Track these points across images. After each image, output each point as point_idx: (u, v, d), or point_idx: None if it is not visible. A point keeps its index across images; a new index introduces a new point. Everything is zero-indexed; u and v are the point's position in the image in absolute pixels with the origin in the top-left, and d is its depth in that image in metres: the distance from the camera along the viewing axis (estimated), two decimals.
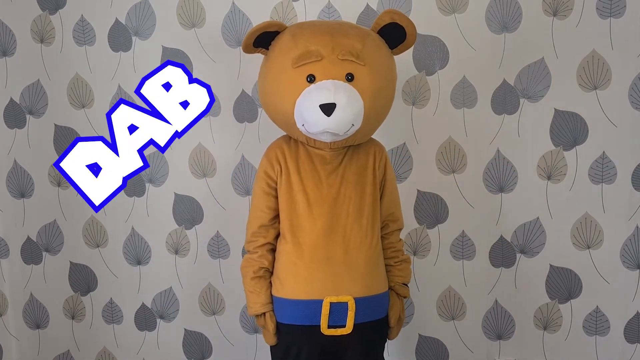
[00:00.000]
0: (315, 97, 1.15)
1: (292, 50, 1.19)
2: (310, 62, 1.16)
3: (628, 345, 1.65)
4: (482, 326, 1.70)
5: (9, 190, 1.81)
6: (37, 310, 1.86)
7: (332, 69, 1.16)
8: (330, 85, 1.15)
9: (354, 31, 1.22)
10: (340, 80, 1.15)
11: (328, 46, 1.17)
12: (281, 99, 1.21)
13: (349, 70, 1.16)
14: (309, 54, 1.17)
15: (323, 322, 1.22)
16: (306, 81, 1.16)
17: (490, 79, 1.60)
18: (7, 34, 1.73)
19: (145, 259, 1.79)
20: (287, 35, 1.22)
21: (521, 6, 1.55)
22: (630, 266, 1.62)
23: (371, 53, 1.19)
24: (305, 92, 1.16)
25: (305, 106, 1.16)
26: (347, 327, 1.23)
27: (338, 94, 1.14)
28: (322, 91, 1.14)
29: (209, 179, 1.72)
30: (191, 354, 1.81)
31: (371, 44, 1.21)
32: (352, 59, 1.16)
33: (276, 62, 1.22)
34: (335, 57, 1.16)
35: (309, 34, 1.20)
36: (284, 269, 1.27)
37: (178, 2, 1.65)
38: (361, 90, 1.17)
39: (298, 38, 1.20)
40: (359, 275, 1.24)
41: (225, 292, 1.76)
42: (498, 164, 1.62)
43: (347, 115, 1.15)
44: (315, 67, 1.16)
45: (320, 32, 1.20)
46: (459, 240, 1.67)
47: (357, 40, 1.19)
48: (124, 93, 1.71)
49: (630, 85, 1.55)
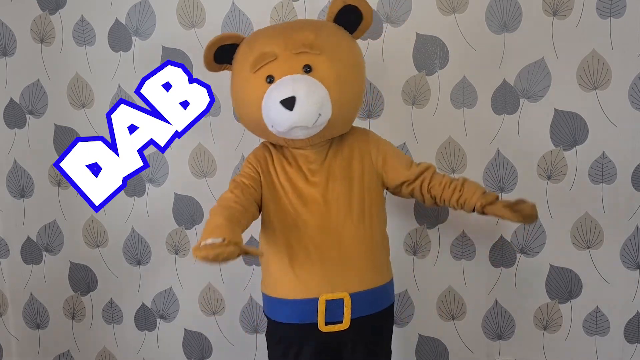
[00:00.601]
0: (275, 95, 1.16)
1: (248, 57, 1.21)
2: (266, 63, 1.18)
3: (628, 345, 1.65)
4: (482, 326, 1.70)
5: (9, 190, 1.81)
6: (37, 310, 1.86)
7: (288, 64, 1.17)
8: (288, 81, 1.16)
9: (307, 25, 1.24)
10: (298, 74, 1.16)
11: (281, 44, 1.18)
12: (249, 106, 1.23)
13: (305, 62, 1.17)
14: (264, 55, 1.18)
15: (320, 319, 1.22)
16: (266, 82, 1.18)
17: (490, 79, 1.59)
18: (7, 34, 1.73)
19: (145, 259, 1.79)
20: (244, 46, 1.25)
21: (521, 6, 1.55)
22: (630, 266, 1.62)
23: (326, 41, 1.20)
24: (266, 93, 1.18)
25: (269, 106, 1.17)
26: (344, 322, 1.23)
27: (297, 87, 1.14)
28: (281, 87, 1.15)
29: (209, 179, 1.72)
30: (191, 354, 1.81)
31: (326, 33, 1.21)
32: (306, 50, 1.17)
33: (238, 72, 1.25)
34: (289, 53, 1.17)
35: (262, 37, 1.23)
36: (278, 270, 1.27)
37: (178, 2, 1.65)
38: (322, 78, 1.17)
39: (253, 44, 1.22)
40: (354, 270, 1.24)
41: (225, 292, 1.76)
42: (498, 164, 1.62)
43: (310, 105, 1.15)
44: (272, 67, 1.18)
45: (272, 34, 1.23)
46: (459, 240, 1.67)
47: (309, 31, 1.20)
48: (124, 93, 1.71)
49: (630, 85, 1.55)
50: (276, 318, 1.29)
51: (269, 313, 1.32)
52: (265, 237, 1.31)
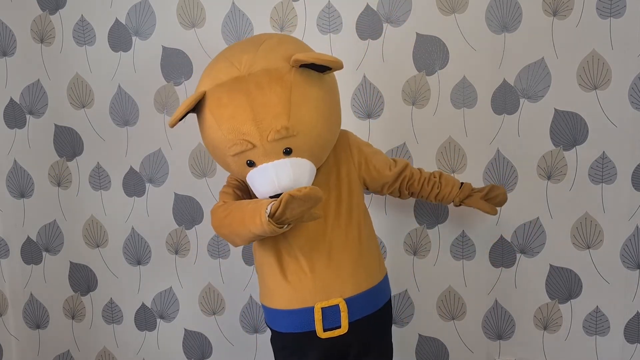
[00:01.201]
0: (261, 190, 1.17)
1: (222, 142, 1.16)
2: (244, 151, 1.15)
3: (628, 345, 1.65)
4: (482, 326, 1.70)
5: (9, 190, 1.81)
6: (37, 310, 1.86)
7: (267, 153, 1.15)
8: (272, 174, 1.14)
9: (275, 95, 1.12)
10: (279, 160, 1.15)
11: (255, 134, 1.13)
12: (232, 172, 1.25)
13: (284, 146, 1.14)
14: (240, 144, 1.14)
15: (318, 327, 1.22)
16: (247, 165, 1.18)
17: (490, 79, 1.60)
18: (7, 34, 1.73)
19: (145, 259, 1.79)
20: (208, 116, 1.17)
21: (521, 6, 1.55)
22: (630, 266, 1.62)
23: (299, 115, 1.13)
24: (250, 177, 1.19)
25: (259, 193, 1.18)
26: (342, 327, 1.23)
27: (282, 181, 1.14)
28: (265, 183, 1.15)
29: (209, 179, 1.72)
30: (191, 354, 1.81)
31: (297, 102, 1.13)
32: (282, 136, 1.13)
33: (213, 148, 1.22)
34: (265, 142, 1.13)
35: (228, 118, 1.14)
36: (272, 281, 1.26)
37: (178, 2, 1.65)
38: (302, 154, 1.16)
39: (222, 124, 1.15)
40: (346, 275, 1.24)
41: (225, 292, 1.76)
42: (498, 164, 1.62)
43: (298, 184, 1.15)
44: (251, 155, 1.16)
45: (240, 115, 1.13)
46: (459, 240, 1.67)
47: (282, 112, 1.12)
48: (124, 93, 1.71)
49: (630, 85, 1.55)
50: (276, 328, 1.29)
51: (270, 323, 1.32)
52: (258, 248, 1.31)
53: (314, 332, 1.23)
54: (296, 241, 1.23)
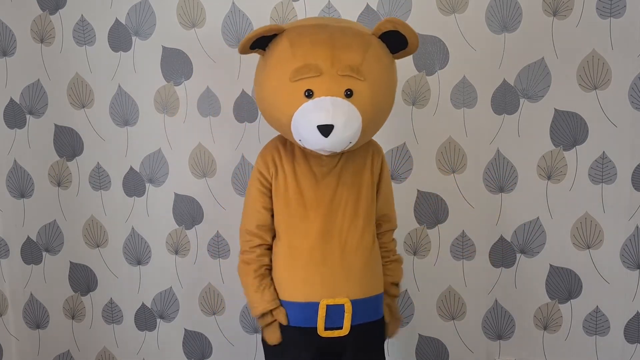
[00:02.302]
0: (313, 117, 1.12)
1: (290, 62, 1.15)
2: (308, 77, 1.13)
3: (628, 345, 1.65)
4: (482, 326, 1.70)
5: (9, 190, 1.81)
6: (37, 310, 1.86)
7: (331, 85, 1.13)
8: (329, 105, 1.12)
9: (356, 40, 1.16)
10: (338, 97, 1.13)
11: (327, 60, 1.13)
12: (278, 111, 1.19)
13: (348, 86, 1.14)
14: (308, 68, 1.13)
15: (320, 324, 1.22)
16: (304, 96, 1.14)
17: (490, 79, 1.60)
18: (7, 34, 1.73)
19: (145, 259, 1.79)
20: (285, 43, 1.17)
21: (521, 6, 1.55)
22: (630, 266, 1.62)
23: (371, 66, 1.16)
24: (303, 108, 1.14)
25: (303, 125, 1.14)
26: (344, 328, 1.23)
27: (337, 115, 1.11)
28: (321, 112, 1.12)
29: (209, 179, 1.72)
30: (191, 354, 1.81)
31: (372, 56, 1.16)
32: (352, 74, 1.13)
33: (273, 72, 1.18)
34: (334, 73, 1.13)
35: (307, 43, 1.15)
36: (280, 271, 1.27)
37: (178, 2, 1.65)
38: (360, 106, 1.14)
39: (296, 48, 1.15)
40: (355, 277, 1.24)
41: (225, 292, 1.76)
42: (498, 164, 1.62)
43: (345, 135, 1.14)
44: (314, 83, 1.13)
45: (319, 43, 1.14)
46: (459, 240, 1.67)
47: (357, 53, 1.14)
48: (124, 93, 1.71)
49: (630, 85, 1.55)
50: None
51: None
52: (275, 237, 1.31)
53: (314, 329, 1.23)
54: (312, 234, 1.23)
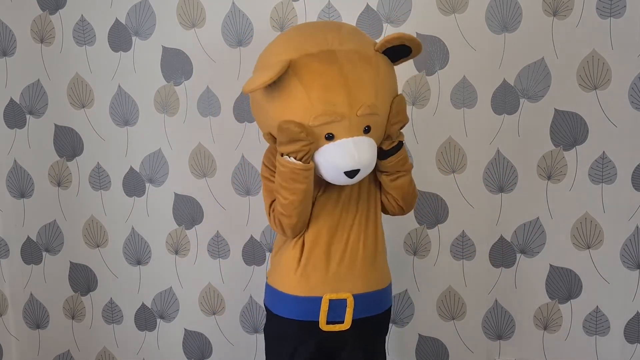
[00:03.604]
0: (339, 163, 1.13)
1: (307, 108, 1.12)
2: (330, 122, 1.12)
3: (628, 345, 1.65)
4: (482, 326, 1.70)
5: (9, 190, 1.81)
6: (37, 310, 1.86)
7: (352, 127, 1.13)
8: (352, 149, 1.12)
9: (366, 72, 1.14)
10: (358, 137, 1.14)
11: (345, 105, 1.11)
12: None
13: (367, 124, 1.15)
14: (327, 115, 1.11)
15: (322, 318, 1.23)
16: (324, 139, 1.14)
17: (490, 79, 1.60)
18: (7, 34, 1.73)
19: (145, 259, 1.79)
20: (295, 82, 1.12)
21: (521, 6, 1.55)
22: (630, 266, 1.62)
23: (383, 98, 1.17)
24: (324, 150, 1.14)
25: (327, 169, 1.15)
26: (345, 323, 1.23)
27: (362, 158, 1.13)
28: (346, 157, 1.12)
29: (209, 179, 1.72)
30: (191, 354, 1.81)
31: (382, 83, 1.16)
32: (369, 112, 1.14)
33: (288, 112, 1.14)
34: (353, 114, 1.13)
35: (321, 87, 1.12)
36: (285, 264, 1.27)
37: (178, 2, 1.65)
38: (376, 136, 1.17)
39: (311, 92, 1.11)
40: (358, 271, 1.24)
41: (225, 292, 1.76)
42: (498, 164, 1.62)
43: (372, 162, 1.16)
44: (336, 127, 1.13)
45: (334, 86, 1.12)
46: (459, 240, 1.67)
47: (371, 89, 1.14)
48: (124, 93, 1.71)
49: (630, 85, 1.55)
50: (278, 312, 1.29)
51: (272, 306, 1.31)
52: None
53: (316, 322, 1.23)
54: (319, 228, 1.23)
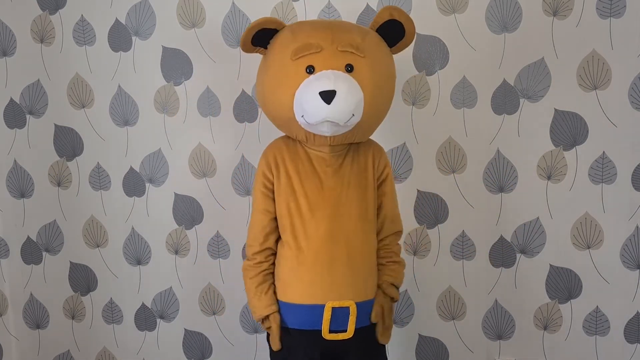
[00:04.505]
0: (315, 86, 1.14)
1: (291, 44, 1.19)
2: (309, 53, 1.17)
3: (628, 345, 1.65)
4: (482, 326, 1.70)
5: (9, 190, 1.81)
6: (37, 310, 1.86)
7: (332, 59, 1.16)
8: (330, 74, 1.15)
9: (354, 27, 1.23)
10: (340, 71, 1.16)
11: (327, 39, 1.17)
12: (280, 92, 1.21)
13: (349, 61, 1.17)
14: (309, 46, 1.17)
15: (325, 327, 1.22)
16: (305, 72, 1.17)
17: (490, 79, 1.60)
18: (7, 34, 1.73)
19: (145, 259, 1.79)
20: (286, 32, 1.22)
21: (521, 6, 1.56)
22: (630, 266, 1.62)
23: (371, 47, 1.20)
24: (305, 82, 1.16)
25: (305, 95, 1.15)
26: (348, 331, 1.23)
27: (338, 82, 1.14)
28: (322, 80, 1.14)
29: (209, 179, 1.72)
30: (191, 354, 1.81)
31: (371, 41, 1.21)
32: (352, 50, 1.17)
33: (275, 57, 1.22)
34: (334, 49, 1.17)
35: (308, 29, 1.21)
36: (287, 273, 1.26)
37: (178, 2, 1.65)
38: (360, 81, 1.17)
39: (297, 33, 1.20)
40: (360, 279, 1.24)
41: (225, 292, 1.76)
42: (498, 164, 1.62)
43: (348, 103, 1.15)
44: (315, 58, 1.16)
45: (319, 28, 1.21)
46: (459, 240, 1.67)
47: (357, 34, 1.20)
48: (124, 93, 1.71)
49: (630, 85, 1.55)
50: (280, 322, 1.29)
51: None
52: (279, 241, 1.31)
53: (318, 332, 1.22)
54: (319, 236, 1.22)
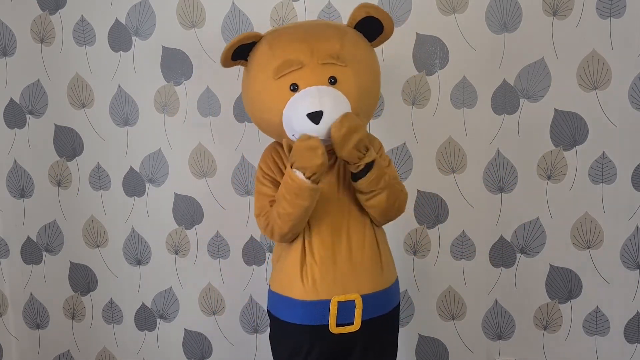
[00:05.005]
0: (301, 107, 1.14)
1: (271, 62, 1.18)
2: (291, 71, 1.16)
3: (628, 345, 1.65)
4: (482, 326, 1.70)
5: (9, 190, 1.81)
6: (37, 310, 1.86)
7: (314, 75, 1.15)
8: (314, 92, 1.14)
9: (331, 31, 1.21)
10: (323, 85, 1.15)
11: (307, 52, 1.16)
12: (268, 111, 1.21)
13: (331, 74, 1.16)
14: (289, 63, 1.16)
15: (331, 321, 1.22)
16: (290, 90, 1.16)
17: (490, 79, 1.60)
18: (7, 34, 1.73)
19: (145, 259, 1.79)
20: (264, 46, 1.21)
21: (521, 6, 1.56)
22: (630, 266, 1.62)
23: (351, 52, 1.19)
24: (290, 102, 1.16)
25: (292, 116, 1.15)
26: (355, 324, 1.23)
27: (323, 100, 1.13)
28: (307, 99, 1.14)
29: (209, 179, 1.72)
30: (191, 354, 1.81)
31: (349, 43, 1.20)
32: (332, 61, 1.16)
33: (257, 74, 1.21)
34: (315, 63, 1.15)
35: (285, 42, 1.19)
36: (291, 270, 1.26)
37: (178, 2, 1.65)
38: (346, 91, 1.16)
39: (275, 48, 1.19)
40: (364, 271, 1.24)
41: (225, 292, 1.76)
42: (498, 164, 1.62)
43: (337, 111, 1.14)
44: (297, 76, 1.16)
45: (296, 39, 1.19)
46: (459, 240, 1.67)
47: (334, 41, 1.18)
48: (124, 93, 1.71)
49: (630, 85, 1.55)
50: (285, 318, 1.28)
51: (278, 312, 1.30)
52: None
53: (325, 326, 1.22)
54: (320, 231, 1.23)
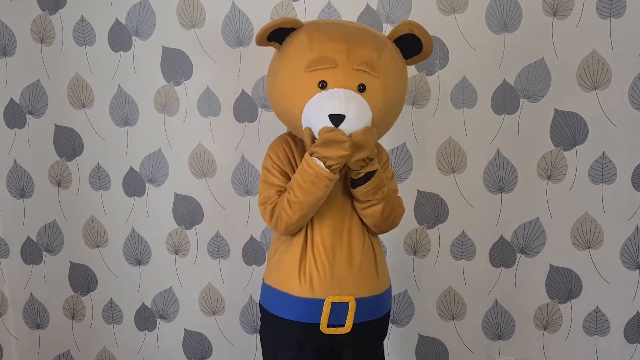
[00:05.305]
0: (326, 106, 1.13)
1: (307, 53, 1.17)
2: (324, 68, 1.15)
3: (628, 345, 1.65)
4: (482, 326, 1.70)
5: (9, 190, 1.81)
6: (37, 310, 1.86)
7: (345, 78, 1.15)
8: (342, 96, 1.13)
9: (371, 40, 1.20)
10: (351, 90, 1.15)
11: (343, 54, 1.15)
12: (290, 100, 1.20)
13: (362, 81, 1.16)
14: (324, 59, 1.15)
15: (323, 321, 1.22)
16: (317, 87, 1.15)
17: (490, 79, 1.60)
18: (7, 34, 1.73)
19: (145, 259, 1.79)
20: (303, 36, 1.19)
21: (521, 6, 1.56)
22: (630, 266, 1.62)
23: (385, 65, 1.18)
24: (315, 98, 1.15)
25: (314, 113, 1.15)
26: (346, 326, 1.23)
27: (349, 106, 1.13)
28: (334, 101, 1.13)
29: (209, 179, 1.72)
30: (191, 354, 1.81)
31: (386, 55, 1.19)
32: (366, 69, 1.15)
33: (289, 62, 1.21)
34: (349, 67, 1.15)
35: (325, 38, 1.18)
36: (289, 266, 1.26)
37: (178, 2, 1.65)
38: (371, 102, 1.16)
39: (314, 41, 1.17)
40: (360, 275, 1.24)
41: (225, 292, 1.76)
42: (498, 164, 1.62)
43: (356, 126, 1.14)
44: (329, 74, 1.15)
45: (337, 38, 1.17)
46: (459, 240, 1.67)
47: (373, 50, 1.17)
48: (124, 93, 1.71)
49: (630, 85, 1.55)
50: (277, 312, 1.28)
51: (270, 306, 1.31)
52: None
53: (317, 325, 1.23)
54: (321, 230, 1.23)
